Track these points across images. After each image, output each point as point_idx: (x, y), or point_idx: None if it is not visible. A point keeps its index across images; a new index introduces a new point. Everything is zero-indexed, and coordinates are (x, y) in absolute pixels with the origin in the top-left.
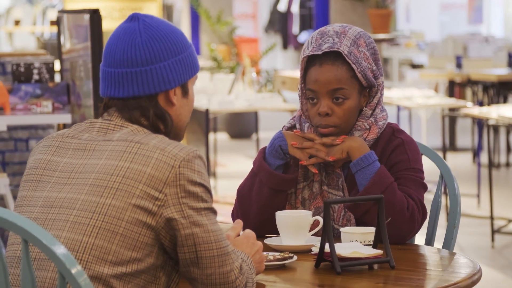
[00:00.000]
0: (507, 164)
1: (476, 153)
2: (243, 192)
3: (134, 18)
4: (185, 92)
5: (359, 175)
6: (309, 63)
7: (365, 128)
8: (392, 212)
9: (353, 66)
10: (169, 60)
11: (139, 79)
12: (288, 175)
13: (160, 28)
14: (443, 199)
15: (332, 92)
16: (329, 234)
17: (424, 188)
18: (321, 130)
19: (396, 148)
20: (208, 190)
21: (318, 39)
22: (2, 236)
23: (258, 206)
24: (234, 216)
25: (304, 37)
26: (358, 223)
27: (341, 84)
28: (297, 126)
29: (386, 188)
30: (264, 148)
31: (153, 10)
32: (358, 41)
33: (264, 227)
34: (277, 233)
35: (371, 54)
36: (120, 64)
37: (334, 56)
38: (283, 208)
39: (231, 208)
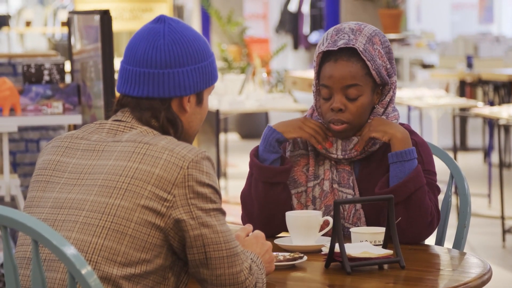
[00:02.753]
0: None
1: (487, 153)
2: (244, 194)
3: (161, 20)
4: (200, 101)
5: (397, 166)
6: (324, 59)
7: None
8: (417, 213)
9: (368, 63)
10: (188, 66)
11: (155, 80)
12: (279, 167)
13: (184, 33)
14: (453, 199)
15: (346, 88)
16: (339, 234)
17: (438, 191)
18: (333, 127)
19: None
20: (216, 191)
21: (333, 36)
22: (13, 237)
23: (258, 203)
24: (243, 222)
25: (314, 37)
26: (368, 222)
27: (355, 80)
28: None
29: (420, 187)
30: (256, 148)
31: (163, 10)
32: (373, 39)
33: (269, 224)
34: (284, 230)
35: (386, 53)
36: (139, 63)
37: (350, 52)
38: (284, 202)
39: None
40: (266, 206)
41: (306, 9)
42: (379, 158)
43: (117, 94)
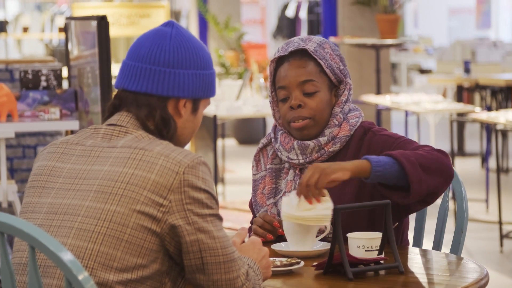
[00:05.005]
0: None
1: (484, 158)
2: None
3: (170, 24)
4: (195, 109)
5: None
6: (277, 66)
7: (334, 125)
8: (431, 162)
9: (320, 61)
10: (190, 70)
11: (155, 77)
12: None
13: (191, 39)
14: (451, 204)
15: (302, 84)
16: (339, 241)
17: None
18: (293, 125)
19: (372, 140)
20: (213, 197)
21: (284, 46)
22: (11, 243)
23: None
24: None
25: None
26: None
27: (311, 76)
28: (272, 135)
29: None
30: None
31: (161, 16)
32: (324, 45)
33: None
34: None
35: (337, 56)
36: (141, 59)
37: (301, 54)
38: None
39: (239, 214)
40: None
41: (303, 14)
42: (347, 159)
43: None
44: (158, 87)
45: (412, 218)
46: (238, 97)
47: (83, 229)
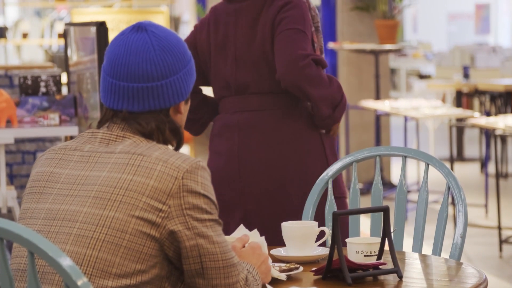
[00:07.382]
0: None
1: (483, 163)
2: None
3: (141, 28)
4: (188, 99)
5: None
6: None
7: None
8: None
9: None
10: (180, 72)
11: (155, 93)
12: None
13: (169, 39)
14: (450, 209)
15: None
16: (338, 245)
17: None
18: None
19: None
20: (212, 201)
21: None
22: (10, 249)
23: None
24: None
25: None
26: None
27: None
28: None
29: None
30: None
31: (160, 22)
32: None
33: None
34: None
35: None
36: (135, 79)
37: None
38: None
39: None
40: None
41: None
42: None
43: None
44: (160, 101)
45: (411, 223)
46: None
47: (82, 235)
